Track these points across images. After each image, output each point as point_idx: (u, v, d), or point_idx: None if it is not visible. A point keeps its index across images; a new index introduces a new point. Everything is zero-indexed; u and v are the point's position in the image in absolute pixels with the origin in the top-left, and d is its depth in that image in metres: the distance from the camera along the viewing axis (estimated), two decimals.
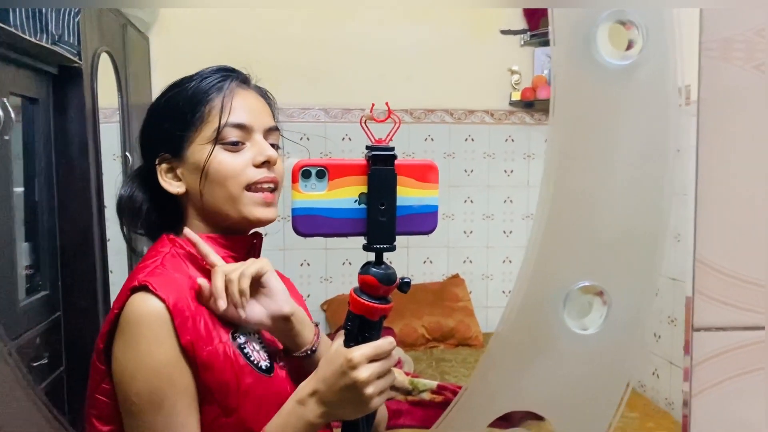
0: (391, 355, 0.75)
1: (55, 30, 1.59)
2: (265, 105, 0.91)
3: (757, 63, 0.77)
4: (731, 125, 0.78)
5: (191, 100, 0.86)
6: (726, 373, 0.79)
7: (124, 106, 2.10)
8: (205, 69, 0.89)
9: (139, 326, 0.78)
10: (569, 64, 0.75)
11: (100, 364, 0.81)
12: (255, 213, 0.85)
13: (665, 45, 0.75)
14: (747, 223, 0.79)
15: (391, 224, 0.71)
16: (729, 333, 0.79)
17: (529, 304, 0.79)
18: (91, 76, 1.77)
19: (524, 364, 0.80)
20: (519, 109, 2.92)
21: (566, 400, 0.81)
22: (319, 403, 0.76)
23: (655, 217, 0.78)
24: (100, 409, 0.82)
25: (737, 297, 0.79)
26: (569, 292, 0.78)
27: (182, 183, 0.87)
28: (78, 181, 1.69)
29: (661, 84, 0.76)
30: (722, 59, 0.76)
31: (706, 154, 0.77)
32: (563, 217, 0.78)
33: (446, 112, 2.90)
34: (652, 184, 0.78)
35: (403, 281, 0.74)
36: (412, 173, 0.72)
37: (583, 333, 0.79)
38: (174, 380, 0.78)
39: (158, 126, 0.89)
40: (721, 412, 0.79)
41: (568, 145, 0.77)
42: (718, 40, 0.76)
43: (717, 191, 0.78)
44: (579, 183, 0.78)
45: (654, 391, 2.29)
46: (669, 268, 0.82)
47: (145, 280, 0.79)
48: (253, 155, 0.85)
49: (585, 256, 0.79)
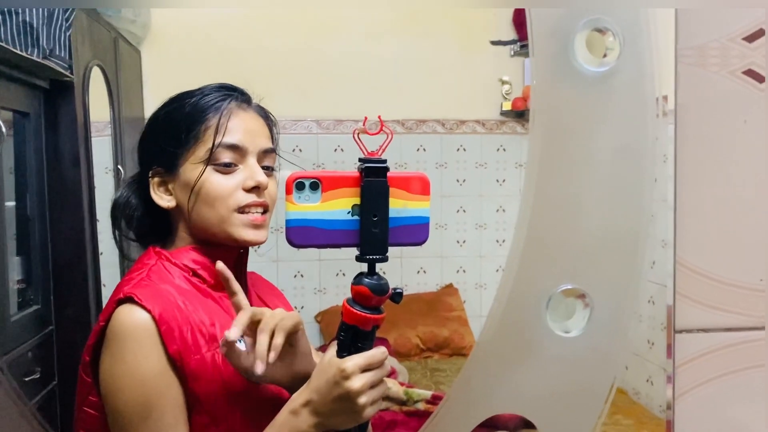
0: (383, 364, 0.75)
1: (46, 44, 1.59)
2: (263, 126, 0.91)
3: (733, 69, 0.79)
4: (709, 130, 0.80)
5: (188, 118, 0.86)
6: (709, 374, 0.81)
7: (115, 119, 2.10)
8: (207, 86, 0.89)
9: (125, 338, 0.78)
10: (548, 71, 0.77)
11: (87, 376, 0.81)
12: (243, 235, 0.85)
13: (642, 51, 0.76)
14: (727, 226, 0.80)
15: (383, 235, 0.72)
16: (711, 334, 0.80)
17: (512, 308, 0.80)
18: (83, 89, 1.77)
19: (508, 369, 0.81)
20: (510, 119, 2.93)
21: (551, 403, 0.82)
22: (312, 414, 0.75)
23: (635, 221, 0.79)
24: (88, 422, 0.82)
25: (719, 299, 0.81)
26: (552, 295, 0.79)
27: (173, 198, 0.88)
28: (70, 195, 1.68)
29: (639, 90, 0.77)
30: (698, 66, 0.78)
31: (685, 158, 0.79)
32: (545, 222, 0.79)
33: (438, 123, 2.91)
34: (632, 188, 0.79)
35: (396, 291, 0.74)
36: (404, 185, 0.73)
37: (566, 336, 0.80)
38: (162, 391, 0.78)
39: (155, 139, 0.89)
40: (705, 413, 0.81)
41: (548, 152, 0.79)
42: (693, 47, 0.78)
43: (696, 195, 0.80)
44: (559, 188, 0.80)
45: (648, 398, 2.29)
46: (661, 275, 0.83)
47: (130, 291, 0.79)
48: (244, 179, 0.85)
49: (567, 259, 0.80)
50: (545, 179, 0.79)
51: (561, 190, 0.80)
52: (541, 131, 0.78)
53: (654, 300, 0.92)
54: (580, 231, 0.80)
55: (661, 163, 0.79)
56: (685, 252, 0.79)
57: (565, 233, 0.80)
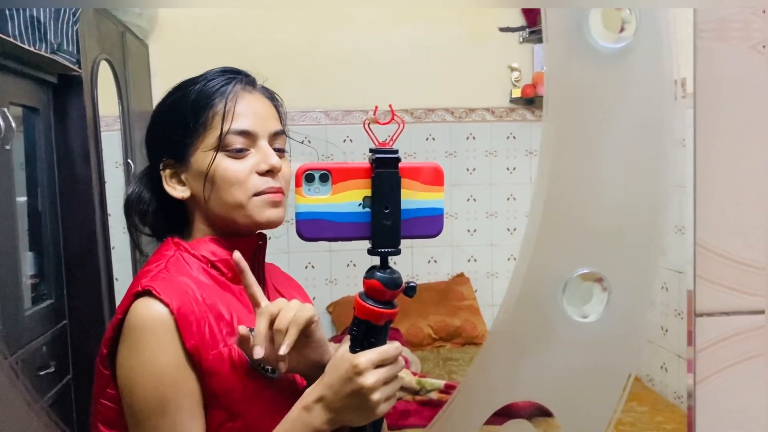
0: (397, 360, 0.74)
1: (54, 39, 1.59)
2: (271, 108, 0.89)
3: (754, 43, 0.75)
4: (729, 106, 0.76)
5: (195, 105, 0.85)
6: (730, 359, 0.78)
7: (124, 113, 2.10)
8: (210, 71, 0.88)
9: (143, 332, 0.78)
10: (563, 51, 0.74)
11: (105, 369, 0.81)
12: (264, 215, 0.84)
13: (659, 25, 0.74)
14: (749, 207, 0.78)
15: (395, 228, 0.70)
16: (732, 318, 0.78)
17: (527, 293, 0.78)
18: (91, 84, 1.77)
19: (523, 355, 0.80)
20: (520, 106, 2.91)
21: (568, 389, 0.80)
22: (325, 410, 0.75)
23: (653, 202, 0.77)
24: (105, 415, 0.82)
25: (740, 281, 0.78)
26: (568, 279, 0.77)
27: (187, 188, 0.86)
28: (81, 190, 1.69)
29: (657, 67, 0.75)
30: (718, 40, 0.74)
31: (704, 137, 0.76)
32: (560, 205, 0.77)
33: (447, 111, 2.90)
34: (649, 169, 0.77)
35: (409, 285, 0.73)
36: (417, 176, 0.71)
37: (583, 321, 0.78)
38: (178, 385, 0.77)
39: (162, 130, 0.88)
40: (726, 397, 0.78)
41: (563, 133, 0.76)
42: (713, 20, 0.74)
43: (716, 175, 0.77)
44: (575, 170, 0.78)
45: (663, 385, 2.28)
46: (674, 261, 0.81)
47: (148, 285, 0.79)
48: (257, 162, 0.84)
49: (583, 243, 0.78)
50: (560, 161, 0.76)
51: (576, 172, 0.77)
52: (555, 112, 0.76)
53: (667, 286, 0.91)
54: (596, 213, 0.78)
55: (680, 145, 0.77)
56: (706, 234, 0.76)
57: (581, 215, 0.78)
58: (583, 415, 0.81)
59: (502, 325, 0.80)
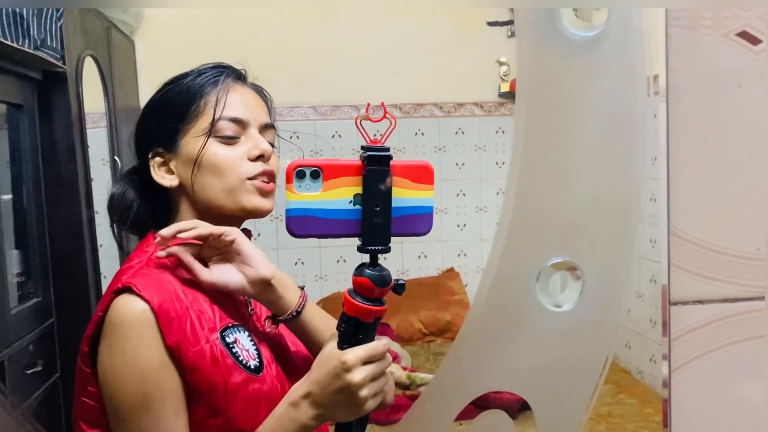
0: (385, 356, 0.74)
1: (38, 35, 1.58)
2: (261, 102, 0.90)
3: (726, 31, 0.76)
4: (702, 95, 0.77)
5: (186, 95, 0.86)
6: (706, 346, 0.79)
7: (111, 110, 2.09)
8: (201, 66, 0.89)
9: (123, 328, 0.77)
10: (534, 40, 0.74)
11: (86, 367, 0.80)
12: (252, 201, 0.84)
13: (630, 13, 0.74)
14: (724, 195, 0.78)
15: (386, 225, 0.70)
16: (708, 306, 0.78)
17: (500, 283, 0.78)
18: (76, 80, 1.76)
19: (498, 345, 0.80)
20: (508, 101, 2.92)
21: (544, 378, 0.80)
22: (312, 406, 0.75)
23: (626, 190, 0.77)
24: (87, 413, 0.81)
25: (716, 270, 0.79)
26: (542, 269, 0.77)
27: (175, 176, 0.86)
28: (67, 187, 1.68)
29: (629, 55, 0.75)
30: (690, 28, 0.75)
31: (678, 126, 0.76)
32: (532, 194, 0.77)
33: (435, 106, 2.90)
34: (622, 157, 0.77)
35: (398, 283, 0.73)
36: (408, 174, 0.72)
37: (557, 310, 0.79)
38: (160, 382, 0.77)
39: (153, 121, 0.89)
40: (703, 386, 0.79)
41: (535, 121, 0.76)
42: (684, 9, 0.75)
43: (690, 164, 0.77)
44: (547, 159, 0.78)
45: (651, 377, 2.30)
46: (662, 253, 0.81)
47: (129, 281, 0.78)
48: (248, 149, 0.85)
49: (556, 232, 0.78)
50: (532, 150, 0.76)
51: (548, 161, 0.77)
52: (527, 100, 0.76)
53: (656, 279, 0.91)
54: (569, 202, 0.78)
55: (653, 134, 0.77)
56: (680, 222, 0.77)
57: (553, 205, 0.78)
58: (559, 404, 0.81)
59: (475, 316, 0.80)
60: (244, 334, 0.84)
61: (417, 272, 2.90)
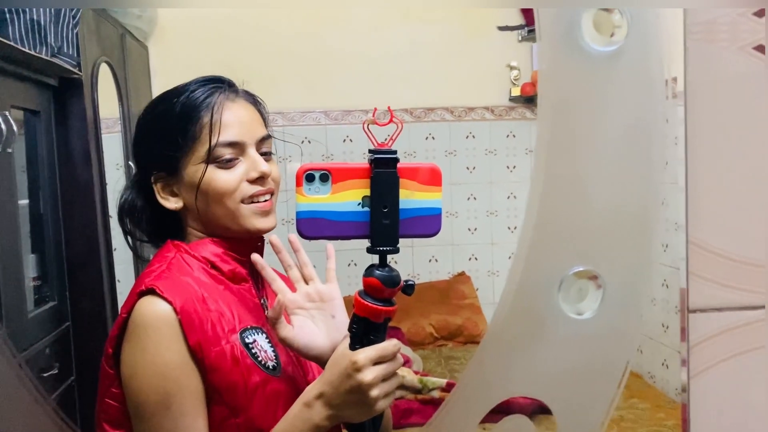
0: (396, 357, 0.75)
1: (54, 42, 1.60)
2: (255, 113, 0.90)
3: (743, 44, 0.77)
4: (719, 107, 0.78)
5: (180, 119, 0.86)
6: (724, 353, 0.79)
7: (125, 115, 2.11)
8: (191, 81, 0.88)
9: (146, 329, 0.79)
10: (555, 52, 0.75)
11: (109, 368, 0.82)
12: (255, 224, 0.87)
13: (649, 28, 0.75)
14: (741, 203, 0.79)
15: (394, 227, 0.72)
16: (726, 313, 0.79)
17: (523, 291, 0.79)
18: (92, 86, 1.78)
19: (521, 352, 0.81)
20: (519, 105, 2.92)
21: (565, 385, 0.81)
22: (325, 406, 0.76)
23: (646, 200, 0.78)
24: (110, 414, 0.83)
25: (733, 277, 0.79)
26: (564, 277, 0.79)
27: (179, 199, 0.88)
28: (82, 192, 1.70)
29: (648, 69, 0.76)
30: (707, 41, 0.76)
31: (696, 137, 0.77)
32: (555, 204, 0.78)
33: (446, 110, 2.90)
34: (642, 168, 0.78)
35: (407, 283, 0.74)
36: (415, 176, 0.73)
37: (579, 318, 0.80)
38: (182, 382, 0.79)
39: (151, 143, 0.89)
40: (722, 393, 0.80)
41: (557, 133, 0.77)
42: (702, 22, 0.76)
43: (708, 174, 0.78)
44: (569, 170, 0.79)
45: (664, 382, 2.29)
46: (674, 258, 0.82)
47: (152, 283, 0.80)
48: (247, 170, 0.86)
49: (578, 241, 0.79)
50: (554, 161, 0.78)
51: (570, 172, 0.79)
52: (549, 113, 0.77)
53: (668, 283, 0.91)
54: (590, 212, 0.79)
55: (673, 144, 0.78)
56: (698, 231, 0.78)
57: (575, 215, 0.79)
58: (580, 410, 0.82)
59: (498, 323, 0.81)
60: (262, 336, 0.85)
61: (428, 276, 2.90)
